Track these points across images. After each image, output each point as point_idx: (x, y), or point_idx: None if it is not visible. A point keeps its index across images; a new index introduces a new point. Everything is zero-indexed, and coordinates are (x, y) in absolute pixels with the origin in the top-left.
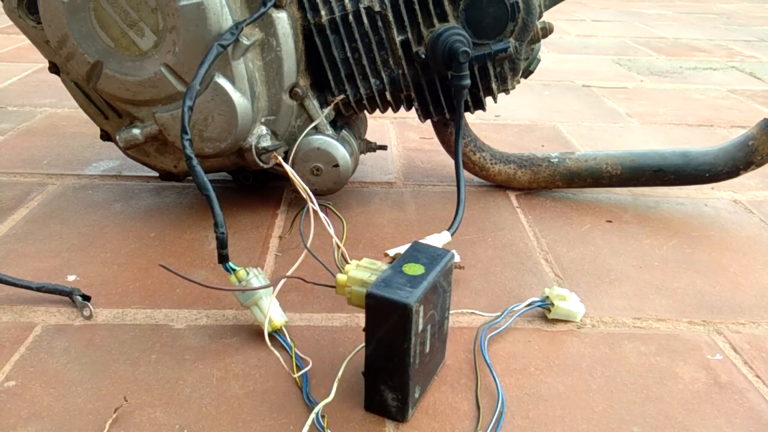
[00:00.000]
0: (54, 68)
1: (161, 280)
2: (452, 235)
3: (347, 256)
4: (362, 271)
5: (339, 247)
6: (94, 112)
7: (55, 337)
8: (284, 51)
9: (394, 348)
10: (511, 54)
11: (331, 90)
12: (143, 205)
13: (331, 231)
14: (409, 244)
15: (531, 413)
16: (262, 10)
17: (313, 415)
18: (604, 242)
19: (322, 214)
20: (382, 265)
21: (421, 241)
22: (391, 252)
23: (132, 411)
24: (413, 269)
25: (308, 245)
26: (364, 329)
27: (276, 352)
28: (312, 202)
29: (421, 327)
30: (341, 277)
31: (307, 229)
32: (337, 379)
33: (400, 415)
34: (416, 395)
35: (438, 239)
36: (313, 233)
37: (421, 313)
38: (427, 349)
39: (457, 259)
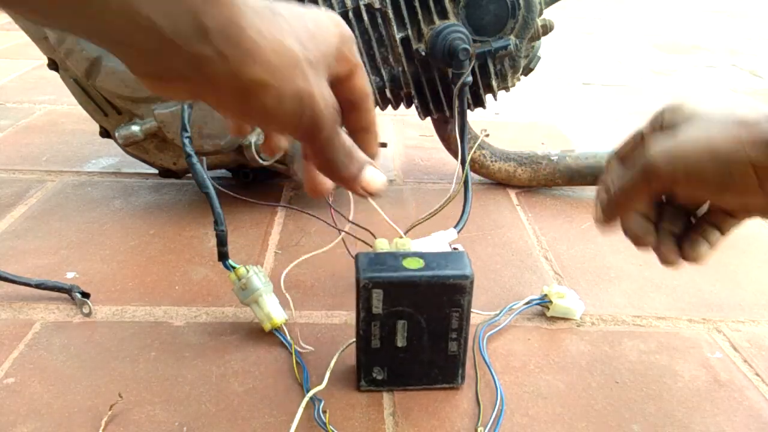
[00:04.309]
0: (53, 65)
1: (160, 277)
2: (458, 232)
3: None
4: (388, 245)
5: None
6: (93, 109)
7: (54, 334)
8: None
9: (356, 311)
10: (512, 51)
11: None
12: (142, 202)
13: (386, 217)
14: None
15: (531, 411)
16: None
17: (306, 398)
18: (603, 240)
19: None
20: (408, 250)
21: (427, 237)
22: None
23: (131, 408)
24: (414, 263)
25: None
26: None
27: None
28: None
29: (380, 311)
30: (377, 241)
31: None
32: (329, 369)
33: (357, 378)
34: (377, 377)
35: (444, 236)
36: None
37: (378, 297)
38: (399, 344)
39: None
